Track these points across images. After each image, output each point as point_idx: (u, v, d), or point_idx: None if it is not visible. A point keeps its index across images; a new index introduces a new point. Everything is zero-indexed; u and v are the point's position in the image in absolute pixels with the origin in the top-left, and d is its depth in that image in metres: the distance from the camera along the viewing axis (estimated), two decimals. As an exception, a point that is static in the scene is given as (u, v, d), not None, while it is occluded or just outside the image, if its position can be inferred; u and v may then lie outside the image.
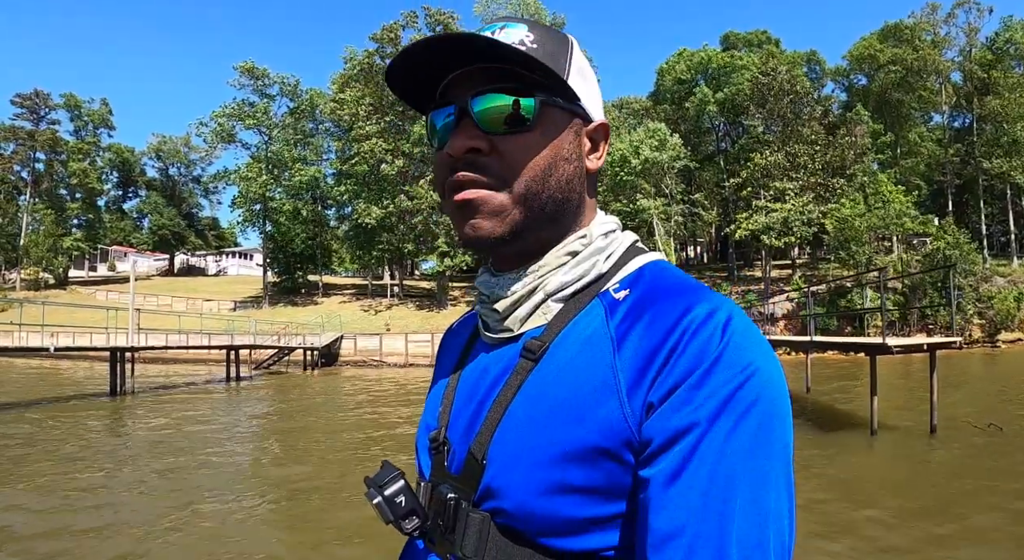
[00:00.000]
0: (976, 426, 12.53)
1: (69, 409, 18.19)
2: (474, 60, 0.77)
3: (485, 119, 0.76)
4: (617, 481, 0.68)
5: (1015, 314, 41.60)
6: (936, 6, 60.07)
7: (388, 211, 48.50)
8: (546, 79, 0.77)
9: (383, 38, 51.37)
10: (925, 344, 11.85)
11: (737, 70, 56.98)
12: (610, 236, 0.85)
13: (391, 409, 18.43)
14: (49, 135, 69.53)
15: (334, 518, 7.63)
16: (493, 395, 0.79)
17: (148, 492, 9.01)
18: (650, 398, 0.66)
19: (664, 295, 0.73)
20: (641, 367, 0.68)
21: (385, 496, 0.79)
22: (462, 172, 0.77)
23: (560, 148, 0.78)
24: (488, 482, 0.75)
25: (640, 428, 0.66)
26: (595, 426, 0.68)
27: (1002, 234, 63.89)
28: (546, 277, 0.81)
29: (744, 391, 0.64)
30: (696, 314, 0.68)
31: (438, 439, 0.85)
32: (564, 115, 0.80)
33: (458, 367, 0.92)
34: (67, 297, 55.19)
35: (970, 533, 6.69)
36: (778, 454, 0.64)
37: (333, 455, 11.74)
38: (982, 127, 57.19)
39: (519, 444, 0.73)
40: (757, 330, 0.69)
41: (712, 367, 0.64)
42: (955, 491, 8.36)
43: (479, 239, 0.78)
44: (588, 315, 0.78)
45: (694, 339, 0.66)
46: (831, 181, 49.33)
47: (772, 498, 0.62)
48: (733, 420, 0.62)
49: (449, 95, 0.80)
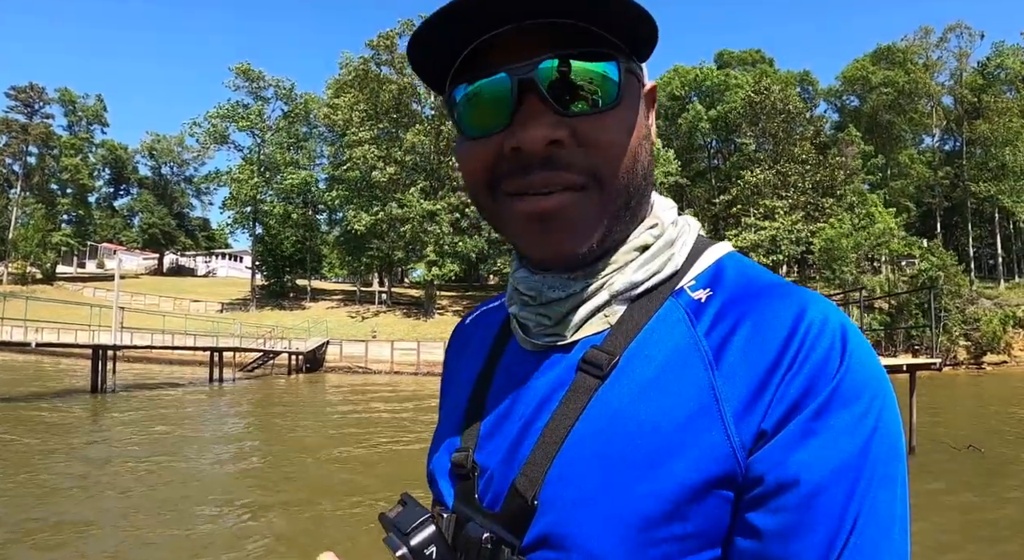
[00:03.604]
0: (955, 447, 12.56)
1: (46, 406, 18.01)
2: (532, 13, 0.57)
3: (567, 96, 0.58)
4: (715, 524, 0.56)
5: (1001, 336, 41.81)
6: (929, 30, 60.87)
7: (378, 218, 48.44)
8: (622, 38, 0.60)
9: (379, 45, 51.44)
10: (904, 365, 11.90)
11: (731, 88, 57.42)
12: (679, 223, 0.72)
13: (376, 427, 18.34)
14: (42, 129, 69.31)
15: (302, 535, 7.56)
16: (544, 416, 0.63)
17: (115, 492, 8.91)
18: (763, 425, 0.55)
19: (761, 297, 0.61)
20: (753, 388, 0.56)
21: (411, 547, 0.62)
22: (542, 173, 0.59)
23: (641, 125, 0.64)
24: (545, 528, 0.59)
25: (748, 459, 0.55)
26: (695, 461, 0.55)
27: (990, 257, 64.54)
28: (611, 275, 0.66)
29: (871, 425, 0.54)
30: (811, 319, 0.57)
31: (465, 464, 0.68)
32: (638, 83, 0.65)
33: (486, 374, 0.75)
34: (54, 293, 54.75)
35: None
36: (900, 501, 0.55)
37: (307, 467, 11.65)
38: (971, 150, 57.87)
39: (591, 484, 0.58)
40: (867, 341, 0.59)
41: (835, 393, 0.54)
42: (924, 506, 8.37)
43: (561, 260, 0.64)
44: (664, 321, 0.64)
45: (813, 352, 0.55)
46: (821, 200, 49.68)
47: (900, 542, 0.54)
48: (863, 464, 0.53)
49: (490, 61, 0.60)
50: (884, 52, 62.06)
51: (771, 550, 0.53)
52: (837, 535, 0.52)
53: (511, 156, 0.60)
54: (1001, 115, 54.10)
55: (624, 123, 0.61)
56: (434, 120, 51.05)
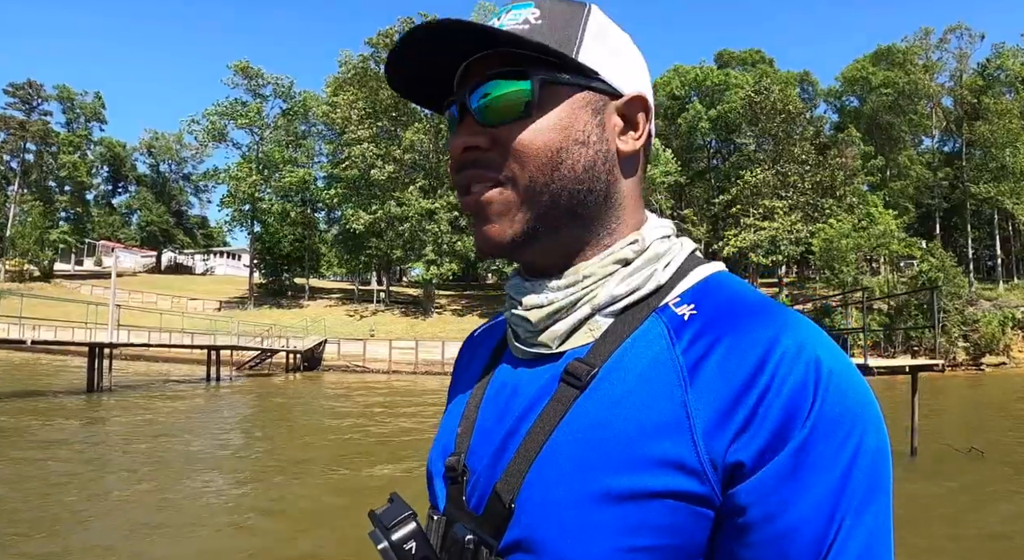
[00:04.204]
0: (957, 450, 12.47)
1: (41, 403, 17.89)
2: (469, 50, 0.69)
3: (484, 111, 0.68)
4: (688, 539, 0.58)
5: (1000, 338, 41.78)
6: (929, 31, 60.67)
7: (377, 217, 48.31)
8: (548, 56, 0.67)
9: (379, 43, 51.32)
10: (907, 366, 11.82)
11: (731, 88, 57.30)
12: (667, 241, 0.74)
13: (373, 420, 18.23)
14: (40, 126, 69.11)
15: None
16: (527, 423, 0.67)
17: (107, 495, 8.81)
18: (738, 455, 0.56)
19: (741, 317, 0.62)
20: (723, 409, 0.58)
21: (392, 541, 0.66)
22: (465, 171, 0.70)
23: (570, 130, 0.68)
24: (521, 532, 0.63)
25: (725, 487, 0.57)
26: (664, 472, 0.58)
27: (988, 258, 64.48)
28: (592, 288, 0.70)
29: (852, 455, 0.56)
30: (785, 348, 0.58)
31: (456, 468, 0.73)
32: (575, 93, 0.69)
33: (483, 381, 0.80)
34: (52, 291, 54.62)
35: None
36: (882, 523, 0.58)
37: (308, 465, 11.55)
38: (971, 152, 57.73)
39: (564, 490, 0.61)
40: (852, 365, 0.60)
41: (814, 426, 0.56)
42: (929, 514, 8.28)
43: (491, 247, 0.70)
44: (646, 336, 0.66)
45: (786, 383, 0.57)
46: (820, 201, 49.57)
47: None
48: (849, 495, 0.56)
49: (456, 89, 0.72)
50: (884, 53, 61.92)
51: None
52: None
53: (456, 163, 0.71)
54: (1001, 116, 53.99)
55: (539, 129, 0.67)
56: (433, 118, 50.92)
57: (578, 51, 0.68)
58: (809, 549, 0.55)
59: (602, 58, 0.70)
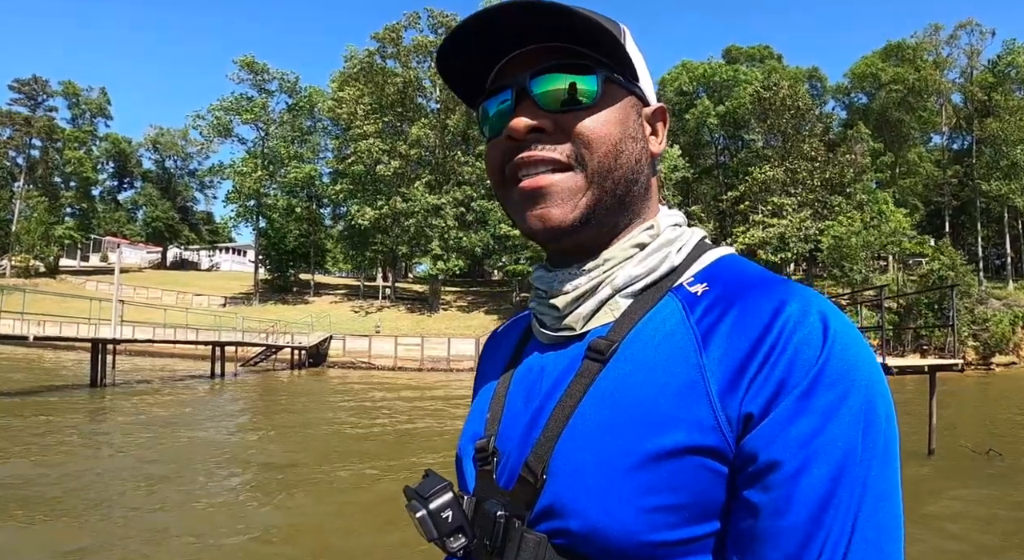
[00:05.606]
0: (975, 451, 12.20)
1: (42, 400, 17.74)
2: (530, 39, 0.73)
3: (547, 99, 0.71)
4: (708, 496, 0.61)
5: (1010, 337, 41.46)
6: (939, 27, 60.13)
7: (382, 212, 48.10)
8: (607, 56, 0.73)
9: (385, 38, 51.10)
10: (926, 366, 11.53)
11: (739, 84, 56.85)
12: (678, 228, 0.80)
13: (375, 418, 18.04)
14: (46, 122, 69.23)
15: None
16: (554, 400, 0.70)
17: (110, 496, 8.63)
18: (748, 407, 0.60)
19: (751, 289, 0.66)
20: (735, 368, 0.61)
21: (430, 510, 0.70)
22: (529, 152, 0.71)
23: (625, 125, 0.74)
24: (549, 499, 0.66)
25: (738, 440, 0.60)
26: (683, 429, 0.61)
27: (998, 257, 64.01)
28: (612, 271, 0.75)
29: (856, 406, 0.58)
30: (791, 311, 0.62)
31: (486, 449, 0.76)
32: (625, 94, 0.76)
33: (509, 369, 0.84)
34: (57, 286, 54.62)
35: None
36: (892, 478, 0.59)
37: (306, 465, 11.35)
38: (981, 149, 57.20)
39: (590, 455, 0.64)
40: (855, 329, 0.63)
41: (819, 377, 0.58)
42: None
43: (548, 230, 0.72)
44: (662, 311, 0.71)
45: (792, 340, 0.60)
46: (830, 198, 49.16)
47: (889, 518, 0.58)
48: (851, 442, 0.57)
49: (503, 78, 0.75)
50: (894, 49, 61.30)
51: (765, 525, 0.57)
52: (824, 510, 0.56)
53: (508, 146, 0.73)
54: (1012, 114, 53.53)
55: (602, 120, 0.72)
56: (439, 114, 50.73)
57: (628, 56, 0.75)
58: (813, 495, 0.56)
59: (639, 68, 0.78)
